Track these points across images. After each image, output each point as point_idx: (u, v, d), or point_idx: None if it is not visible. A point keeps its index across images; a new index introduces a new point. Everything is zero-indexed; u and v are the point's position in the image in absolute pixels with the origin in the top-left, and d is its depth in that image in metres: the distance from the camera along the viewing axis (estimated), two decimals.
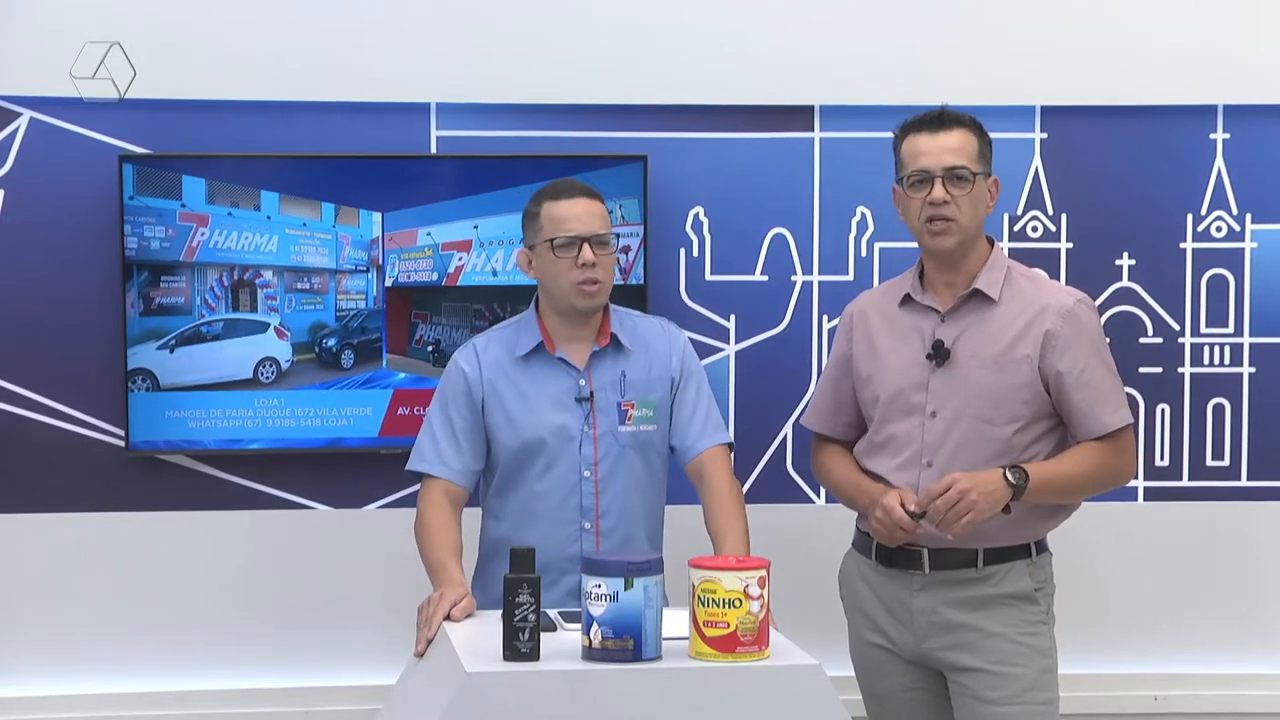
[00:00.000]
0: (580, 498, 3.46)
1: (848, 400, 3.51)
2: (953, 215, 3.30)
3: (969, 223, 3.32)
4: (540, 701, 2.76)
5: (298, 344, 4.34)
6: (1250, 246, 4.51)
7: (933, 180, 3.30)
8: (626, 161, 4.32)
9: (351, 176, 4.33)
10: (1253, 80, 4.46)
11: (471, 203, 4.36)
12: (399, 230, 4.36)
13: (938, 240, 3.33)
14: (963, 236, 3.32)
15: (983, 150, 3.35)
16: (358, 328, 4.37)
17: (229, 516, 4.38)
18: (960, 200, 3.30)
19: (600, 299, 3.44)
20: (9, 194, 4.27)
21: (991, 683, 3.30)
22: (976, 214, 3.33)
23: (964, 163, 3.31)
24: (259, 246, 4.31)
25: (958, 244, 3.32)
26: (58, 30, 4.21)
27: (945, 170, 3.30)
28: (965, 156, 3.31)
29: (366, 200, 4.33)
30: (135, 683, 4.34)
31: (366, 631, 4.36)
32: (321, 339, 4.35)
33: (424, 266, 4.38)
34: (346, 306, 4.36)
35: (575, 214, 3.43)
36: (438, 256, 4.37)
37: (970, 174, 3.30)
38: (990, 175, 3.36)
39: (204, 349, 4.31)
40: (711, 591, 2.82)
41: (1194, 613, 4.54)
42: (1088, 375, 3.30)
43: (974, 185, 3.31)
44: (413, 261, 4.38)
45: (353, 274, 4.36)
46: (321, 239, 4.34)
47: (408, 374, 4.36)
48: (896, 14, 4.42)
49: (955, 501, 3.18)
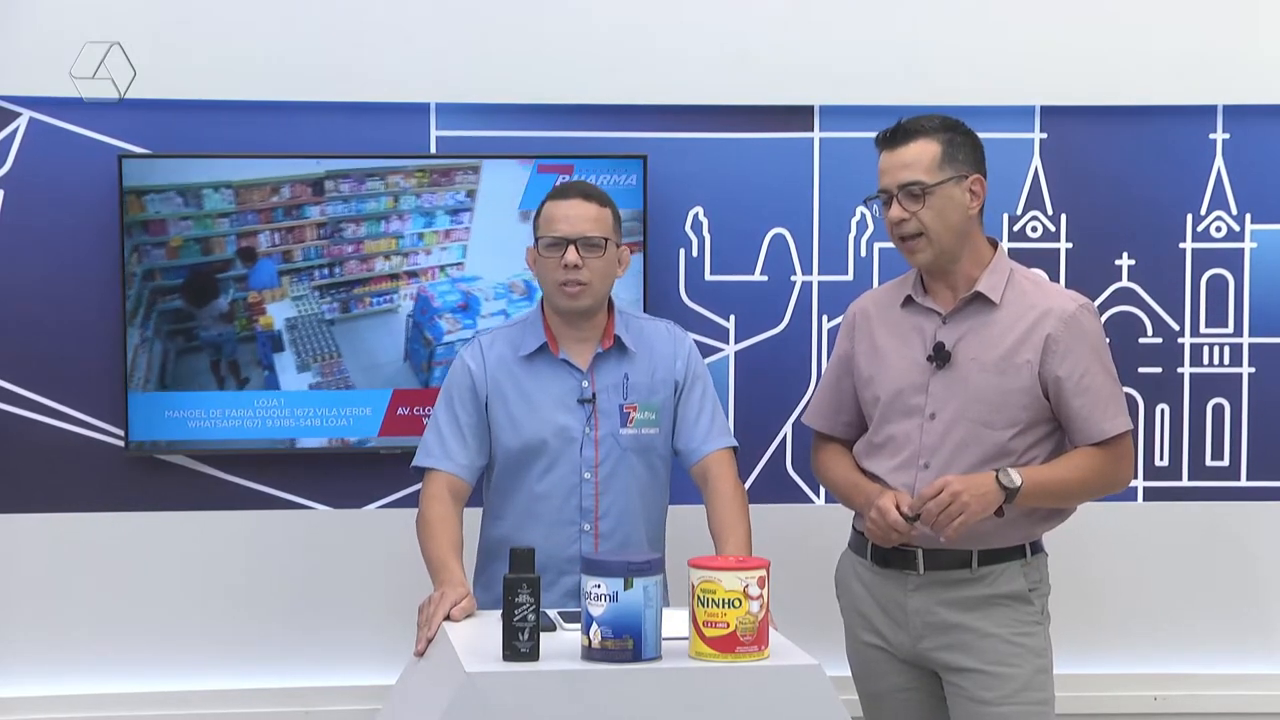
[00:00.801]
0: (580, 499, 3.46)
1: (848, 399, 3.51)
2: (915, 231, 3.29)
3: (939, 233, 3.29)
4: (540, 701, 2.77)
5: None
6: (1250, 246, 4.51)
7: (892, 199, 3.30)
8: (626, 161, 4.33)
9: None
10: (1253, 80, 4.46)
11: None
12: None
13: (911, 258, 3.34)
14: (935, 249, 3.30)
15: (950, 154, 3.29)
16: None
17: (229, 516, 4.38)
18: (921, 214, 3.28)
19: (582, 302, 3.44)
20: (9, 194, 4.27)
21: (986, 683, 3.30)
22: (945, 222, 3.29)
23: (918, 177, 3.28)
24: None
25: (933, 257, 3.31)
26: (58, 30, 4.21)
27: (899, 188, 3.29)
28: (921, 169, 3.28)
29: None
30: (135, 683, 4.34)
31: (366, 631, 4.36)
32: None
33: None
34: None
35: (565, 215, 3.43)
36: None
37: (923, 188, 3.28)
38: (967, 176, 3.31)
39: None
40: (711, 591, 2.82)
41: (1193, 613, 4.54)
42: (1088, 381, 3.30)
43: (934, 196, 3.28)
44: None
45: None
46: None
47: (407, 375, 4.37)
48: (896, 14, 4.42)
49: (947, 504, 3.19)
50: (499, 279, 4.34)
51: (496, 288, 4.34)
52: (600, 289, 3.45)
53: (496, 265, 4.33)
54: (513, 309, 4.31)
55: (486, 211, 4.32)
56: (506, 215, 4.31)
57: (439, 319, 4.34)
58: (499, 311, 4.32)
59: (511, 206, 4.31)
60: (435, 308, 4.33)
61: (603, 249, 3.43)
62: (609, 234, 3.45)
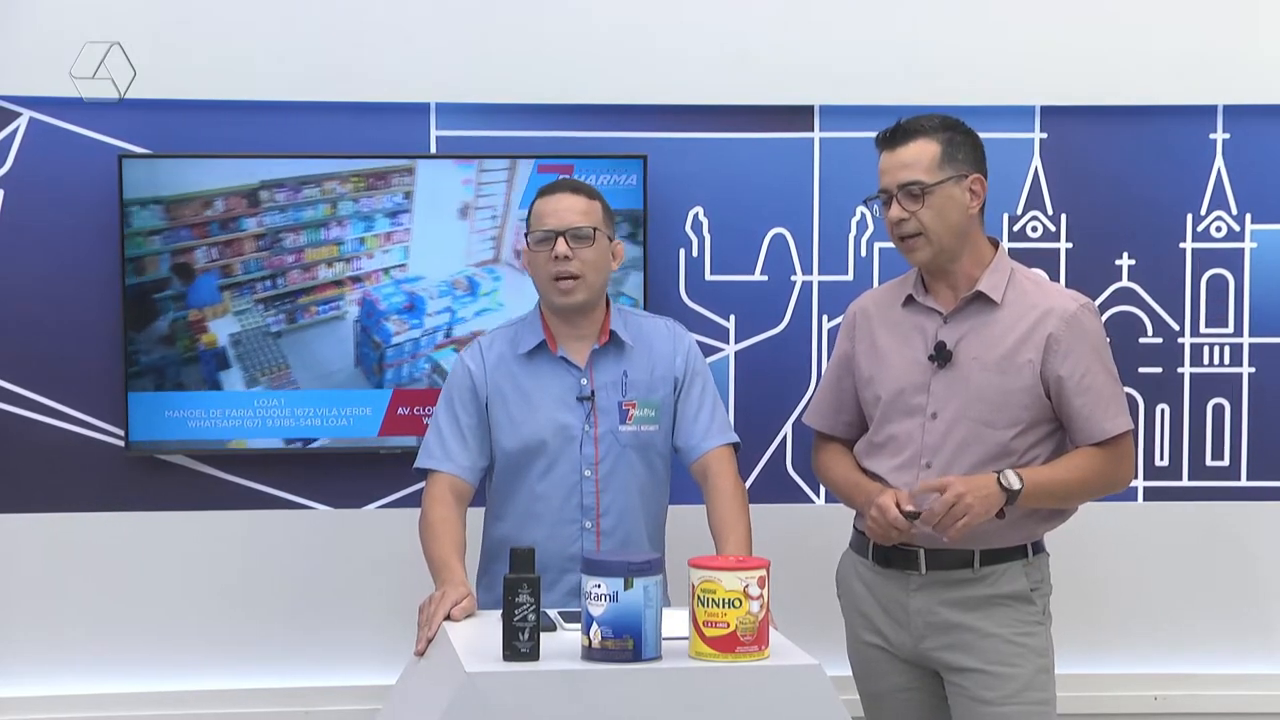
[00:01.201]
0: (581, 497, 3.46)
1: (849, 399, 3.51)
2: (914, 230, 3.30)
3: (939, 233, 3.30)
4: (540, 701, 2.76)
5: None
6: (1250, 246, 4.51)
7: (892, 199, 3.30)
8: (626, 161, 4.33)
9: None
10: (1253, 80, 4.46)
11: None
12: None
13: (910, 257, 3.34)
14: (934, 248, 3.31)
15: (949, 154, 3.30)
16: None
17: (229, 516, 4.38)
18: (921, 214, 3.29)
19: (577, 296, 3.44)
20: (9, 194, 4.27)
21: (988, 683, 3.30)
22: (945, 222, 3.30)
23: (917, 177, 3.28)
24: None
25: (931, 256, 3.32)
26: (58, 30, 4.21)
27: (899, 188, 3.30)
28: (920, 169, 3.28)
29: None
30: (135, 683, 4.34)
31: (366, 631, 4.36)
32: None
33: None
34: None
35: (554, 209, 3.44)
36: None
37: (923, 188, 3.28)
38: (966, 176, 3.31)
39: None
40: (711, 591, 2.82)
41: (1193, 613, 4.54)
42: (1089, 380, 3.30)
43: (933, 195, 3.28)
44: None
45: None
46: None
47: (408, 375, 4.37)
48: (896, 14, 4.42)
49: (951, 505, 3.19)
50: (442, 277, 4.32)
51: (440, 286, 4.32)
52: (594, 281, 3.44)
53: (439, 264, 4.32)
54: (458, 305, 4.31)
55: (425, 211, 4.30)
56: (445, 214, 4.30)
57: (385, 321, 4.31)
58: (444, 309, 4.31)
59: (449, 205, 4.30)
60: (381, 310, 4.31)
61: (592, 239, 3.42)
62: (598, 224, 3.44)
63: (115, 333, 4.26)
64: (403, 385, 4.32)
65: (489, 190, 4.29)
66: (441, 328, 4.32)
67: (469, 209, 4.29)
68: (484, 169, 4.30)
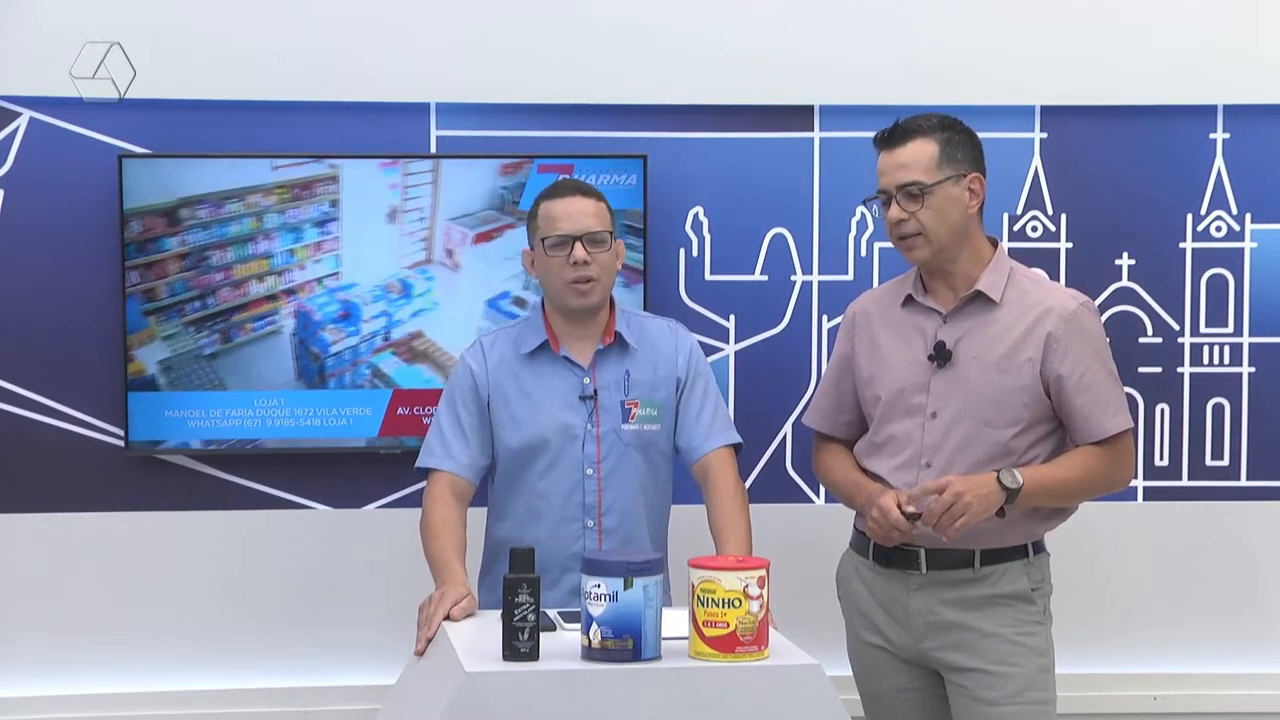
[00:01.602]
0: (583, 496, 3.47)
1: (849, 399, 3.51)
2: (914, 230, 3.30)
3: (937, 232, 3.30)
4: (540, 701, 2.77)
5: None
6: (1250, 246, 4.51)
7: (891, 199, 3.30)
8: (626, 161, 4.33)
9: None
10: (1253, 80, 4.46)
11: None
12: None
13: (909, 255, 3.34)
14: (934, 248, 3.31)
15: (948, 153, 3.30)
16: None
17: (229, 516, 4.38)
18: (920, 214, 3.29)
19: (594, 298, 3.45)
20: (9, 194, 4.27)
21: (988, 683, 3.30)
22: (945, 222, 3.30)
23: (916, 177, 3.29)
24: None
25: (931, 255, 3.32)
26: (58, 30, 4.21)
27: (898, 188, 3.30)
28: (919, 170, 3.29)
29: None
30: (135, 683, 4.34)
31: (366, 631, 4.36)
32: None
33: None
34: None
35: (567, 212, 3.44)
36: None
37: (921, 188, 3.28)
38: (965, 175, 3.32)
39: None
40: (711, 591, 2.82)
41: (1193, 612, 4.54)
42: (1088, 379, 3.30)
43: (932, 196, 3.29)
44: None
45: None
46: None
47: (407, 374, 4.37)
48: (896, 14, 4.42)
49: (950, 504, 3.19)
50: (375, 282, 4.30)
51: (374, 291, 4.30)
52: (608, 284, 3.47)
53: (371, 269, 4.30)
54: (393, 308, 4.30)
55: (353, 217, 4.28)
56: (373, 218, 4.29)
57: (322, 331, 4.29)
58: (380, 314, 4.30)
59: (377, 208, 4.28)
60: (317, 321, 4.28)
61: (607, 244, 3.45)
62: (609, 227, 3.47)
63: (115, 333, 4.26)
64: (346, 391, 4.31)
65: (415, 193, 4.28)
66: (379, 332, 4.31)
67: (397, 212, 4.28)
68: (409, 171, 4.28)
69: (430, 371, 4.32)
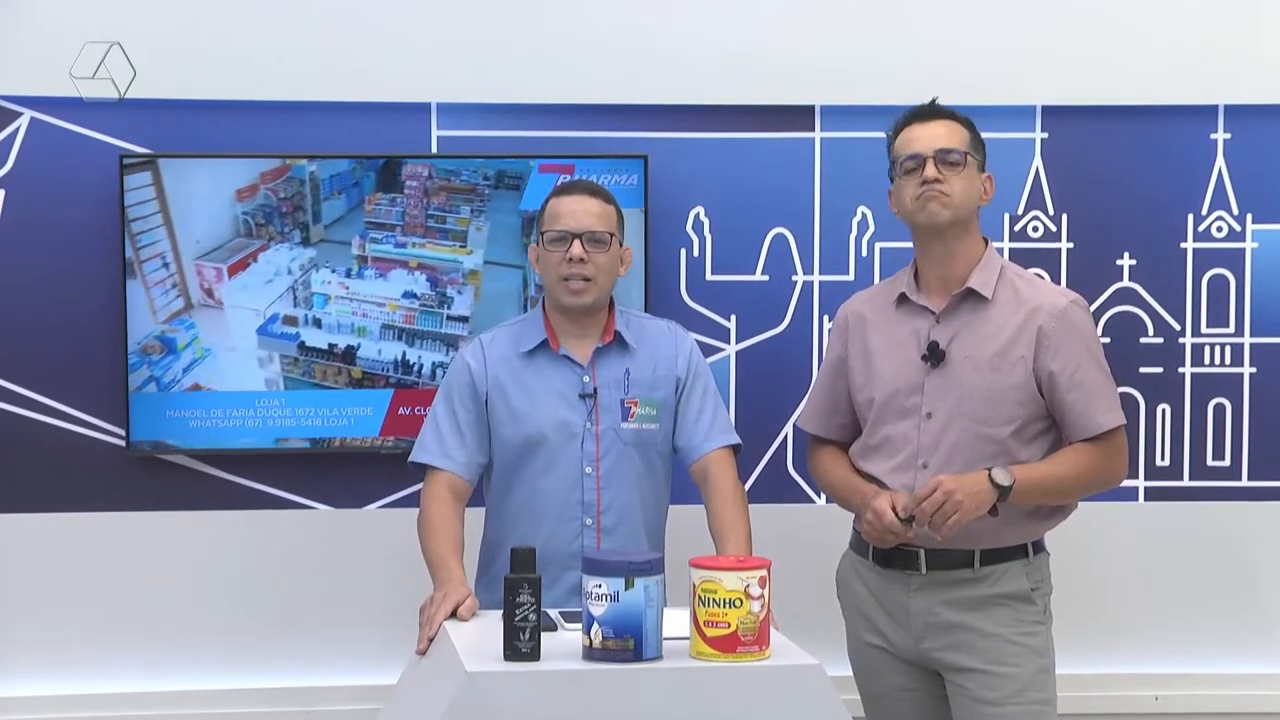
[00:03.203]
0: (582, 494, 3.47)
1: (843, 402, 3.51)
2: (945, 191, 3.31)
3: (961, 201, 3.33)
4: (540, 701, 2.77)
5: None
6: (1251, 246, 4.51)
7: (924, 163, 3.32)
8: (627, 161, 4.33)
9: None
10: (1253, 80, 4.46)
11: None
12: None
13: (930, 211, 3.32)
14: (955, 213, 3.33)
15: (974, 142, 3.38)
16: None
17: (229, 516, 4.37)
18: (952, 180, 3.31)
19: (587, 298, 3.44)
20: (9, 194, 4.27)
21: (988, 683, 3.30)
22: (969, 195, 3.34)
23: (955, 145, 3.34)
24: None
25: (950, 219, 3.33)
26: (58, 30, 4.21)
27: (936, 151, 3.33)
28: (956, 141, 3.35)
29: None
30: (135, 683, 4.34)
31: (366, 631, 4.36)
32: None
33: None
34: None
35: (571, 210, 3.44)
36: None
37: (961, 155, 3.32)
38: (984, 171, 3.38)
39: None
40: (712, 591, 2.82)
41: (1194, 613, 4.54)
42: (1080, 375, 3.31)
43: (966, 167, 3.33)
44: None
45: None
46: None
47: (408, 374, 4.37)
48: (896, 14, 4.42)
49: (941, 503, 3.19)
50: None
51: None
52: (604, 285, 3.46)
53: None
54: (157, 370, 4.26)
55: None
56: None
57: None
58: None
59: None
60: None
61: (607, 245, 3.45)
62: (613, 230, 3.46)
63: (115, 333, 4.26)
64: None
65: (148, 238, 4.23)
66: None
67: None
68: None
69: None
